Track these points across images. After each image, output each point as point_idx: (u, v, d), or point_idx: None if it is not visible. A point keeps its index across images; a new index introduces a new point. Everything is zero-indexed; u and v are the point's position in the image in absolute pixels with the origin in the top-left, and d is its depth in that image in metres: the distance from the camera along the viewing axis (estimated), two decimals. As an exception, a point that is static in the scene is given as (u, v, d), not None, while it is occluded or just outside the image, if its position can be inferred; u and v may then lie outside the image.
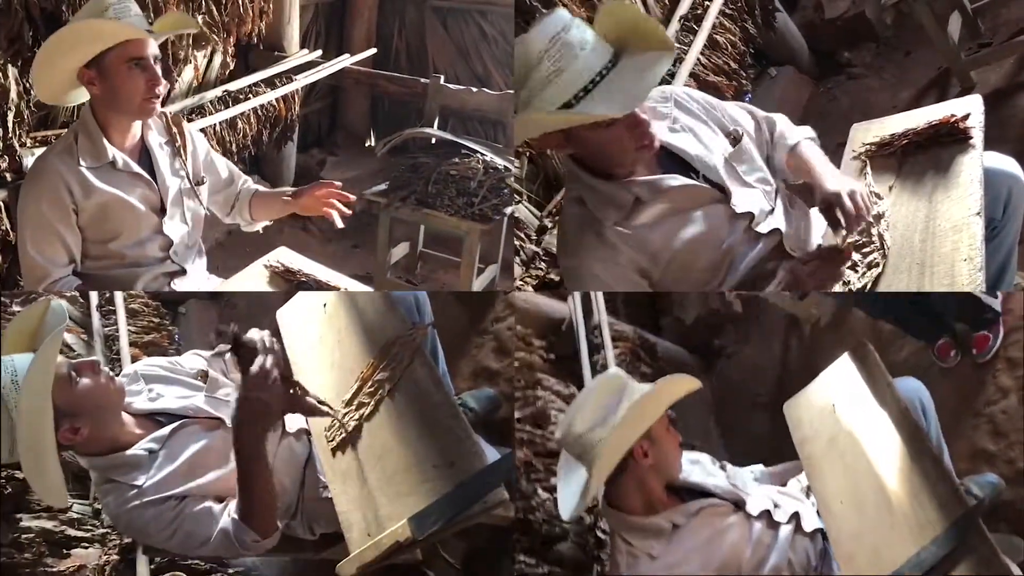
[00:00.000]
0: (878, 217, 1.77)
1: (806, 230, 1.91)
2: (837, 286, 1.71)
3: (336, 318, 1.90)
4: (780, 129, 1.92)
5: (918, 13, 3.60)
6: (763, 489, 1.75)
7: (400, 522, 1.51)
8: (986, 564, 1.34)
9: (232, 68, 3.79)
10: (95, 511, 2.30)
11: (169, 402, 1.84)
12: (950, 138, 1.83)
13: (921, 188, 1.79)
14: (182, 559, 2.20)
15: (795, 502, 1.70)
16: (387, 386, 1.68)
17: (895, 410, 1.58)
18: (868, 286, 1.70)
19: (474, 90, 4.08)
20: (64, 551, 2.21)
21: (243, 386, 1.55)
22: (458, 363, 2.70)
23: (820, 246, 1.81)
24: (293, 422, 1.88)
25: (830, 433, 1.69)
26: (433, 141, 3.91)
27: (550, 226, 2.64)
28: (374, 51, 4.84)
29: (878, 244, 1.73)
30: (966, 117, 1.84)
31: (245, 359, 1.57)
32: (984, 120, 1.85)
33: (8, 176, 2.42)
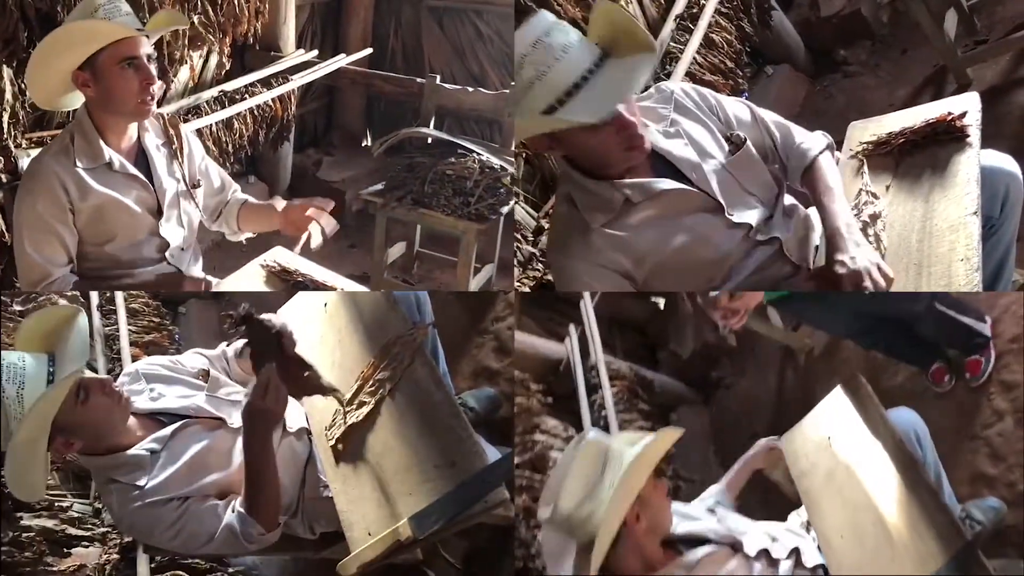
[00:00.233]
0: (874, 217, 1.77)
1: (806, 234, 1.91)
2: None
3: (336, 318, 1.89)
4: (798, 141, 1.88)
5: (914, 11, 3.59)
6: (758, 526, 1.72)
7: (401, 521, 1.51)
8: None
9: (228, 68, 3.79)
10: (95, 510, 2.30)
11: (170, 402, 1.84)
12: (947, 136, 1.82)
13: (918, 187, 1.79)
14: (182, 558, 2.20)
15: (794, 537, 1.67)
16: (388, 385, 1.68)
17: (890, 442, 1.58)
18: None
19: (470, 90, 4.08)
20: (65, 550, 2.21)
21: (255, 387, 1.61)
22: (458, 363, 2.70)
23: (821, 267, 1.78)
24: (294, 421, 1.89)
25: (827, 467, 1.69)
26: (429, 141, 3.90)
27: (547, 226, 2.64)
28: (370, 51, 4.83)
29: (875, 245, 1.72)
30: (963, 115, 1.83)
31: (256, 339, 1.59)
32: (981, 117, 1.84)
33: (3, 177, 2.41)
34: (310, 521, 1.85)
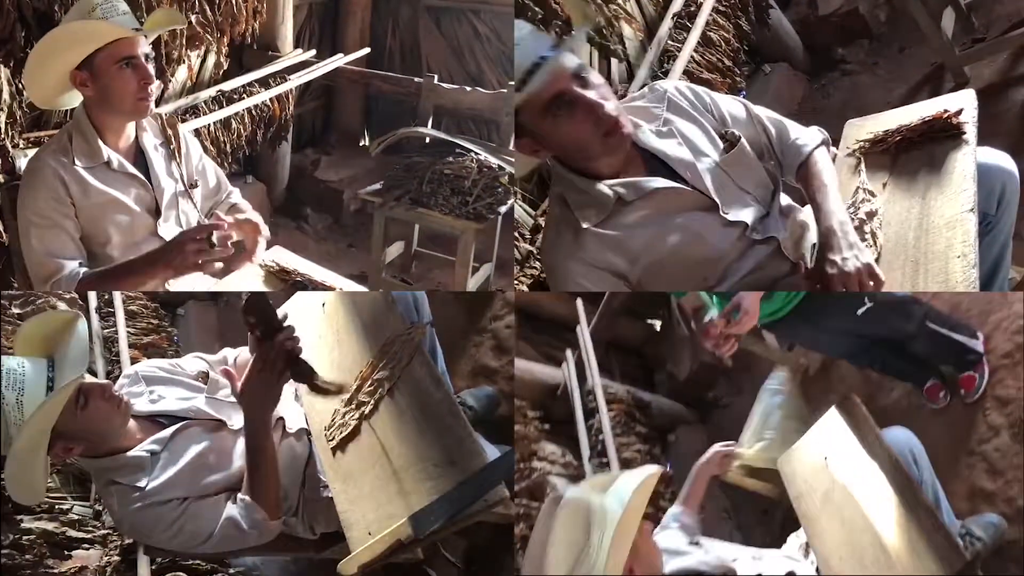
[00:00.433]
0: (871, 215, 1.77)
1: (802, 232, 1.91)
2: None
3: (335, 318, 1.90)
4: (793, 136, 1.88)
5: (912, 9, 3.60)
6: (744, 552, 1.71)
7: (400, 521, 1.51)
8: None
9: (226, 68, 3.80)
10: (96, 512, 2.30)
11: (170, 404, 1.84)
12: (944, 133, 1.82)
13: (915, 185, 1.79)
14: (183, 560, 2.20)
15: (789, 562, 1.67)
16: (387, 385, 1.68)
17: (886, 462, 1.58)
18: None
19: (468, 89, 4.08)
20: (65, 552, 2.21)
21: (252, 361, 1.65)
22: (457, 362, 2.70)
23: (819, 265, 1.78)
24: (293, 422, 1.89)
25: (824, 488, 1.68)
26: (427, 140, 3.91)
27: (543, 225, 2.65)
28: (368, 50, 4.84)
29: (871, 242, 1.72)
30: (959, 112, 1.83)
31: (262, 318, 1.64)
32: (978, 115, 1.84)
33: (1, 178, 2.41)
34: (310, 521, 1.85)
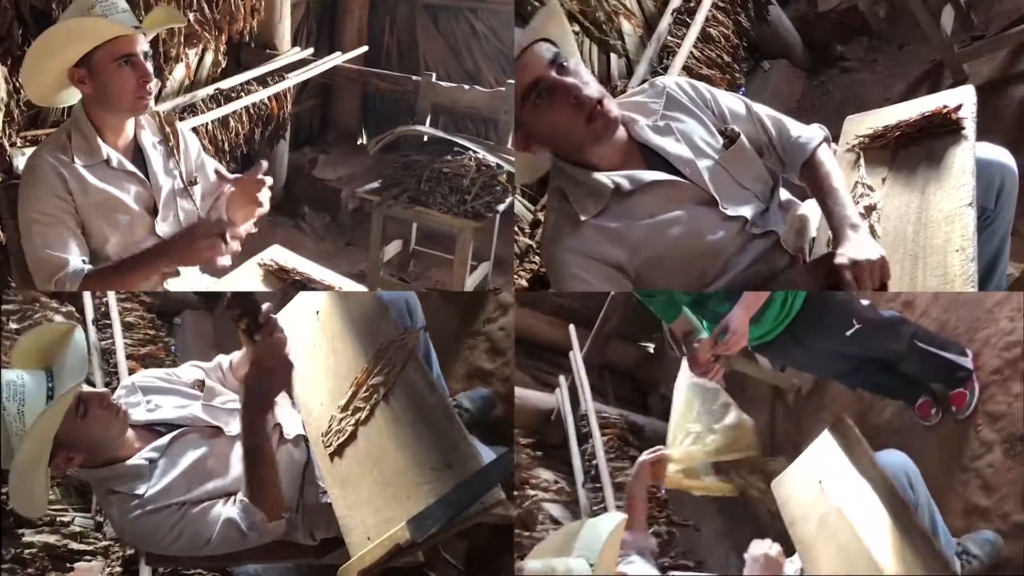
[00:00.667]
0: (870, 209, 1.77)
1: (802, 226, 1.91)
2: None
3: (329, 325, 1.91)
4: (795, 134, 1.87)
5: (911, 6, 3.60)
6: None
7: (399, 525, 1.52)
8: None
9: (224, 66, 3.79)
10: (97, 524, 2.30)
11: (167, 412, 1.85)
12: (943, 129, 1.82)
13: (914, 179, 1.79)
14: (186, 569, 2.20)
15: None
16: (382, 390, 1.70)
17: (880, 486, 1.58)
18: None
19: (466, 87, 4.08)
20: (67, 565, 2.20)
21: (253, 357, 1.67)
22: (452, 365, 2.69)
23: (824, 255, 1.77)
24: (291, 429, 1.90)
25: (819, 512, 1.68)
26: (425, 139, 3.90)
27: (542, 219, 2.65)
28: (365, 49, 4.84)
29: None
30: (958, 107, 1.83)
31: (250, 316, 1.66)
32: (977, 111, 1.84)
33: (-1, 176, 2.40)
34: (310, 527, 1.85)
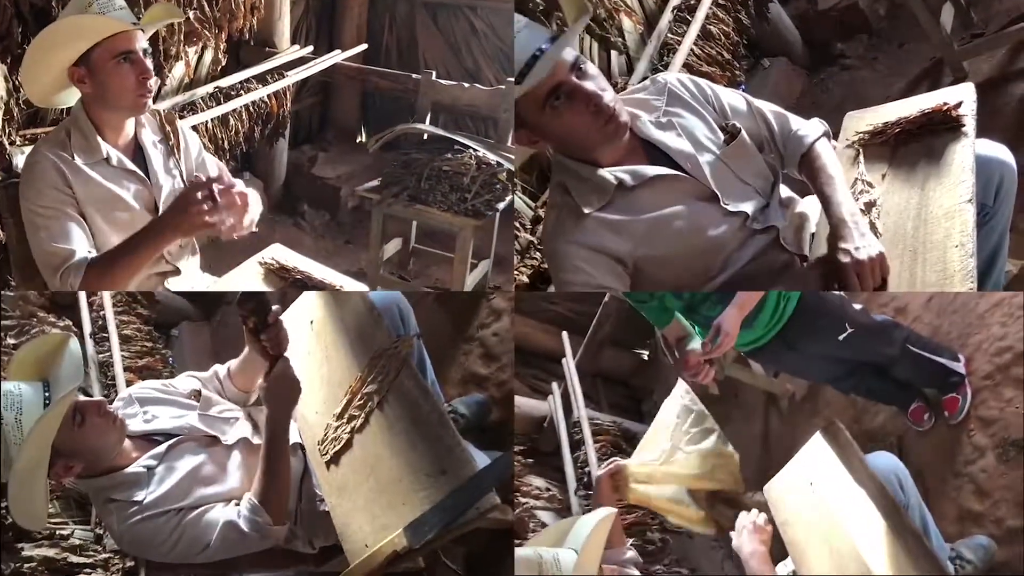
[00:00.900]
0: (870, 205, 1.77)
1: (802, 222, 1.91)
2: None
3: (323, 334, 1.92)
4: (795, 127, 1.89)
5: (911, 4, 3.60)
6: None
7: (396, 532, 1.53)
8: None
9: (223, 64, 3.79)
10: (97, 536, 2.28)
11: (164, 422, 1.86)
12: (943, 126, 1.83)
13: (913, 176, 1.79)
14: (187, 576, 2.19)
15: None
16: (376, 398, 1.71)
17: (872, 488, 1.58)
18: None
19: (466, 85, 4.07)
20: (67, 578, 2.19)
21: (276, 366, 1.73)
22: (447, 370, 2.69)
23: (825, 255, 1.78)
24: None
25: (811, 515, 1.68)
26: (425, 137, 3.90)
27: (543, 215, 2.65)
28: (365, 47, 4.83)
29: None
30: (958, 105, 1.83)
31: (259, 315, 1.70)
32: (976, 108, 1.84)
33: (-2, 175, 2.40)
34: (309, 535, 1.86)
